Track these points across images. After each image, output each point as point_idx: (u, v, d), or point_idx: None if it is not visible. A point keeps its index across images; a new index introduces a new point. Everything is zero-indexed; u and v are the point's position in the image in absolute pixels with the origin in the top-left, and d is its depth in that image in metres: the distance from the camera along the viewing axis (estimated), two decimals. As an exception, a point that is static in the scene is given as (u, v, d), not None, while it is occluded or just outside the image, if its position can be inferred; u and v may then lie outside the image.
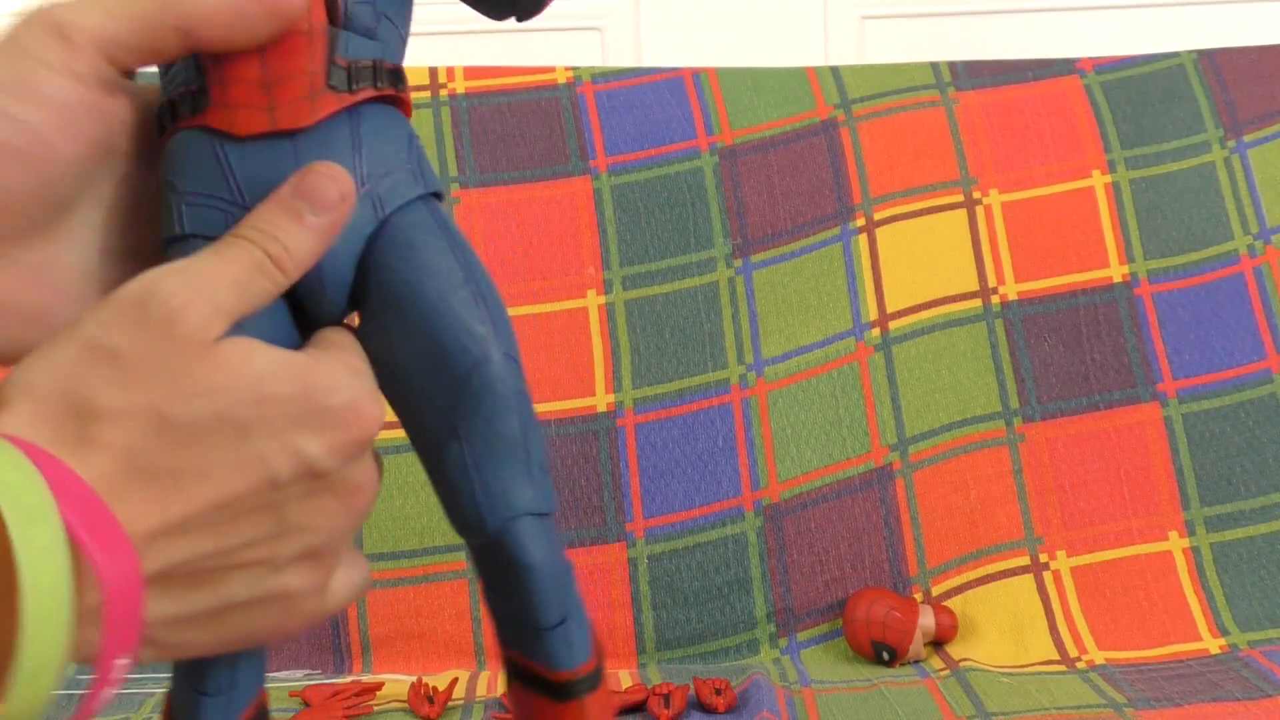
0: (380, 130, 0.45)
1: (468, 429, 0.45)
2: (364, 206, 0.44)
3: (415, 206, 0.45)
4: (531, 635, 0.46)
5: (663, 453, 1.12)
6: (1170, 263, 1.19)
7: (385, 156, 0.45)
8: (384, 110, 0.45)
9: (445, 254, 0.45)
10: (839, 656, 1.07)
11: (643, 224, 1.17)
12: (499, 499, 0.45)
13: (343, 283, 0.45)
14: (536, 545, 0.45)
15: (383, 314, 0.45)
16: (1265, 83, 1.23)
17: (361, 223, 0.44)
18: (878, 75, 1.24)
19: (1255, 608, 1.09)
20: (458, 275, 0.45)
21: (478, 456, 0.45)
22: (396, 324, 0.44)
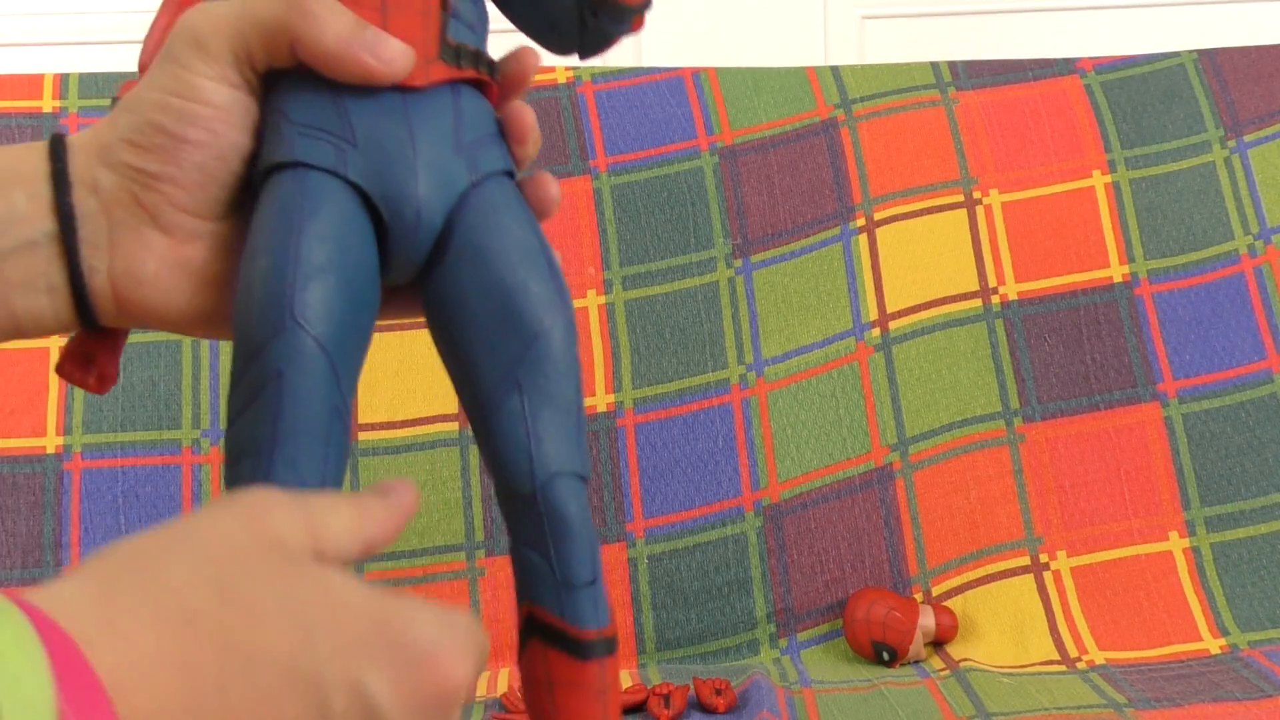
0: (476, 107, 0.49)
1: (530, 384, 0.47)
2: (461, 165, 0.48)
3: (500, 178, 0.49)
4: (563, 590, 0.48)
5: (663, 453, 1.12)
6: (1170, 263, 1.19)
7: (480, 127, 0.49)
8: (477, 93, 0.49)
9: (526, 224, 0.49)
10: (839, 656, 1.07)
11: (643, 224, 1.17)
12: (550, 454, 0.47)
13: (433, 228, 0.48)
14: (578, 503, 0.48)
15: (462, 265, 0.48)
16: (1265, 83, 1.23)
17: (457, 178, 0.48)
18: (878, 75, 1.24)
19: (1255, 608, 1.09)
20: (536, 244, 0.48)
21: (535, 411, 0.47)
22: (475, 276, 0.47)
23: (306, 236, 0.45)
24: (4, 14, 1.73)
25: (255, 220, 0.46)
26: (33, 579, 1.08)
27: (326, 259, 0.45)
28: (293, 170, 0.46)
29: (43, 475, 1.09)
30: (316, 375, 0.44)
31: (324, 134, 0.46)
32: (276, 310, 0.44)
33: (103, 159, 0.45)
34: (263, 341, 0.44)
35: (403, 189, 0.47)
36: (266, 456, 0.44)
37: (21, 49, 1.72)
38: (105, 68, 1.22)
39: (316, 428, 0.44)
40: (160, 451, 1.10)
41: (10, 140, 1.14)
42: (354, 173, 0.46)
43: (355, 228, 0.46)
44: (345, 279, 0.45)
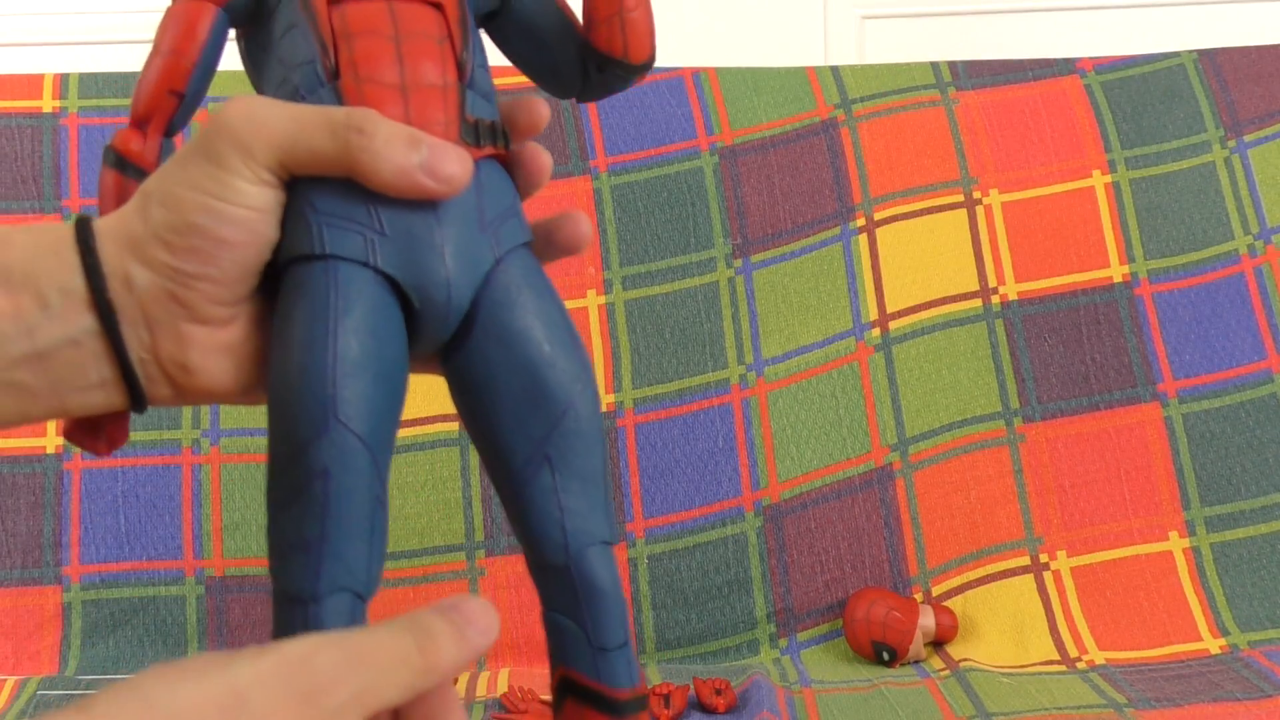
0: (496, 180, 0.50)
1: (559, 458, 0.49)
2: (485, 245, 0.48)
3: (521, 251, 0.50)
4: (597, 655, 0.50)
5: (663, 453, 1.12)
6: (1170, 263, 1.19)
7: (501, 203, 0.50)
8: (495, 164, 0.50)
9: (550, 300, 0.50)
10: (839, 656, 1.07)
11: (643, 224, 1.17)
12: (580, 526, 0.49)
13: (462, 310, 0.48)
14: (609, 571, 0.49)
15: (489, 345, 0.49)
16: (1265, 83, 1.23)
17: (483, 258, 0.48)
18: (878, 75, 1.24)
19: (1255, 608, 1.09)
20: (559, 318, 0.50)
21: (565, 484, 0.49)
22: (503, 356, 0.49)
23: (344, 333, 0.46)
24: (4, 14, 1.73)
25: (285, 310, 0.47)
26: (33, 579, 1.08)
27: (363, 354, 0.46)
28: (322, 262, 0.46)
29: (43, 475, 1.09)
30: (360, 471, 0.46)
31: (352, 224, 0.46)
32: (320, 410, 0.45)
33: (135, 254, 0.45)
34: (306, 440, 0.45)
35: (433, 276, 0.47)
36: (316, 553, 0.45)
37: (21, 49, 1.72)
38: (105, 68, 1.21)
39: (362, 521, 0.46)
40: (160, 451, 1.10)
41: (10, 140, 1.14)
42: (384, 263, 0.47)
43: (387, 317, 0.47)
44: (381, 372, 0.46)
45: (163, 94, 0.50)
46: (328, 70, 0.48)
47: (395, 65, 0.48)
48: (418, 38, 0.49)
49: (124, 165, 0.50)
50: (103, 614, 1.07)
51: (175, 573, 1.09)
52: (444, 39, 0.49)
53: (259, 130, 0.44)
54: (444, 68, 0.49)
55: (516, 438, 0.49)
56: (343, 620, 0.45)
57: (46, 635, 1.07)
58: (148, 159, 0.50)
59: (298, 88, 0.48)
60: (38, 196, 1.14)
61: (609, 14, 0.52)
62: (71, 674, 1.05)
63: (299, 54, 0.48)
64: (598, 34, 0.53)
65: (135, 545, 1.09)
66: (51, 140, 1.15)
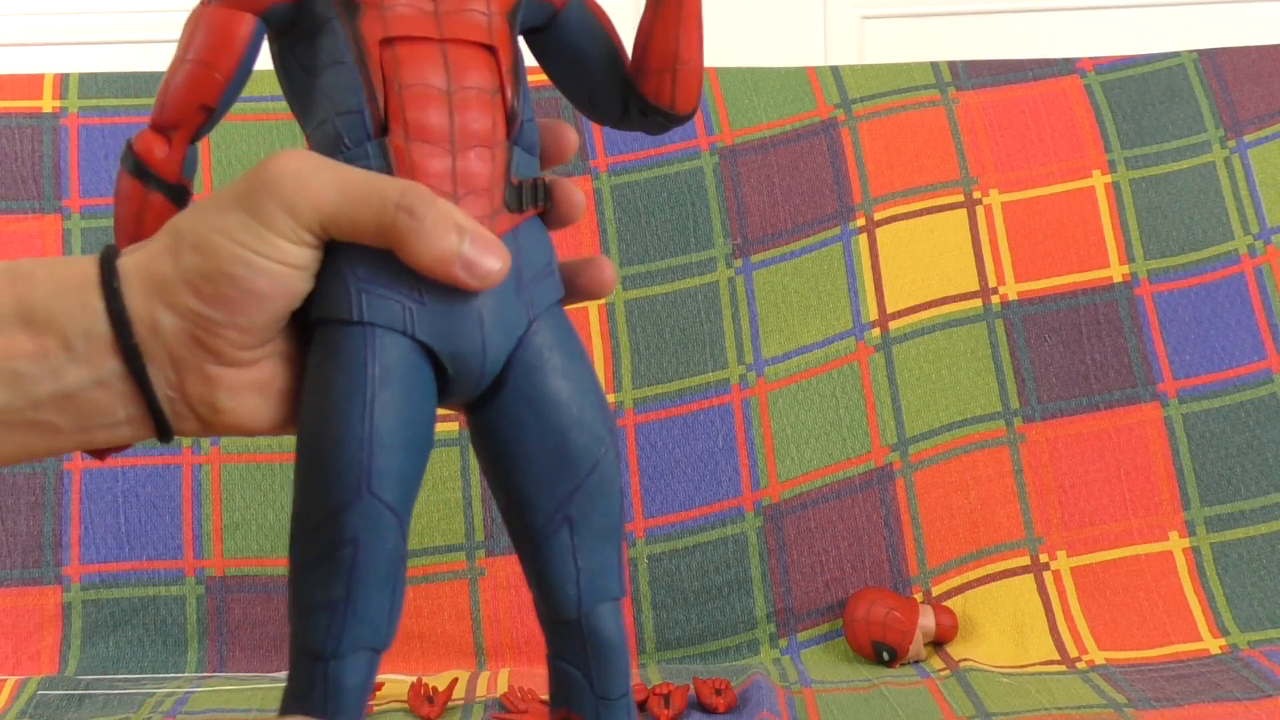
0: (534, 239, 0.49)
1: (580, 518, 0.49)
2: (521, 309, 0.48)
3: (554, 310, 0.50)
4: (600, 703, 0.51)
5: (663, 453, 1.12)
6: (1170, 263, 1.19)
7: (537, 263, 0.49)
8: (536, 222, 0.50)
9: (579, 359, 0.50)
10: (839, 656, 1.07)
11: (643, 224, 1.17)
12: (595, 584, 0.50)
13: (495, 374, 0.49)
14: (618, 626, 0.51)
15: (518, 406, 0.49)
16: (1265, 83, 1.23)
17: (518, 323, 0.48)
18: (878, 75, 1.24)
19: (1255, 608, 1.09)
20: (589, 381, 0.50)
21: (583, 543, 0.50)
22: (531, 417, 0.49)
23: (380, 406, 0.46)
24: (4, 14, 1.73)
25: (321, 371, 0.46)
26: (33, 579, 1.08)
27: (399, 426, 0.46)
28: (360, 328, 0.46)
29: (43, 475, 1.09)
30: (389, 538, 0.46)
31: (391, 292, 0.46)
32: (353, 481, 0.45)
33: (162, 298, 0.44)
34: (338, 508, 0.45)
35: (470, 344, 0.47)
36: (341, 615, 0.46)
37: (21, 49, 1.72)
38: (105, 68, 1.21)
39: (386, 582, 0.47)
40: (160, 451, 1.10)
41: (10, 140, 1.14)
42: (421, 333, 0.46)
43: (422, 388, 0.47)
44: (413, 441, 0.47)
45: (193, 107, 0.48)
46: (376, 124, 0.46)
47: (446, 124, 0.47)
48: (470, 91, 0.47)
49: (144, 174, 0.48)
50: (103, 614, 1.07)
51: (175, 573, 1.09)
52: (496, 90, 0.48)
53: (307, 193, 0.44)
54: (494, 126, 0.48)
55: (540, 496, 0.49)
56: (360, 674, 0.46)
57: (46, 635, 1.07)
58: (170, 170, 0.49)
59: (342, 136, 0.47)
60: (38, 196, 1.14)
61: (661, 66, 0.51)
62: (71, 674, 1.05)
63: (346, 99, 0.47)
64: (647, 83, 0.52)
65: (135, 545, 1.09)
66: (51, 140, 1.15)
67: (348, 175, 0.44)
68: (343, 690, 0.46)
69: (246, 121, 1.16)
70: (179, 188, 0.49)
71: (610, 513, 0.50)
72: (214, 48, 0.47)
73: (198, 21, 0.48)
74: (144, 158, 0.48)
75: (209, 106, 0.48)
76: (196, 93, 0.48)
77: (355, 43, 0.47)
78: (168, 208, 0.48)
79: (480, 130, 0.47)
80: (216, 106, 0.48)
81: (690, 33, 0.51)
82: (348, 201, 0.44)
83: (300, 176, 0.44)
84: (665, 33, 0.51)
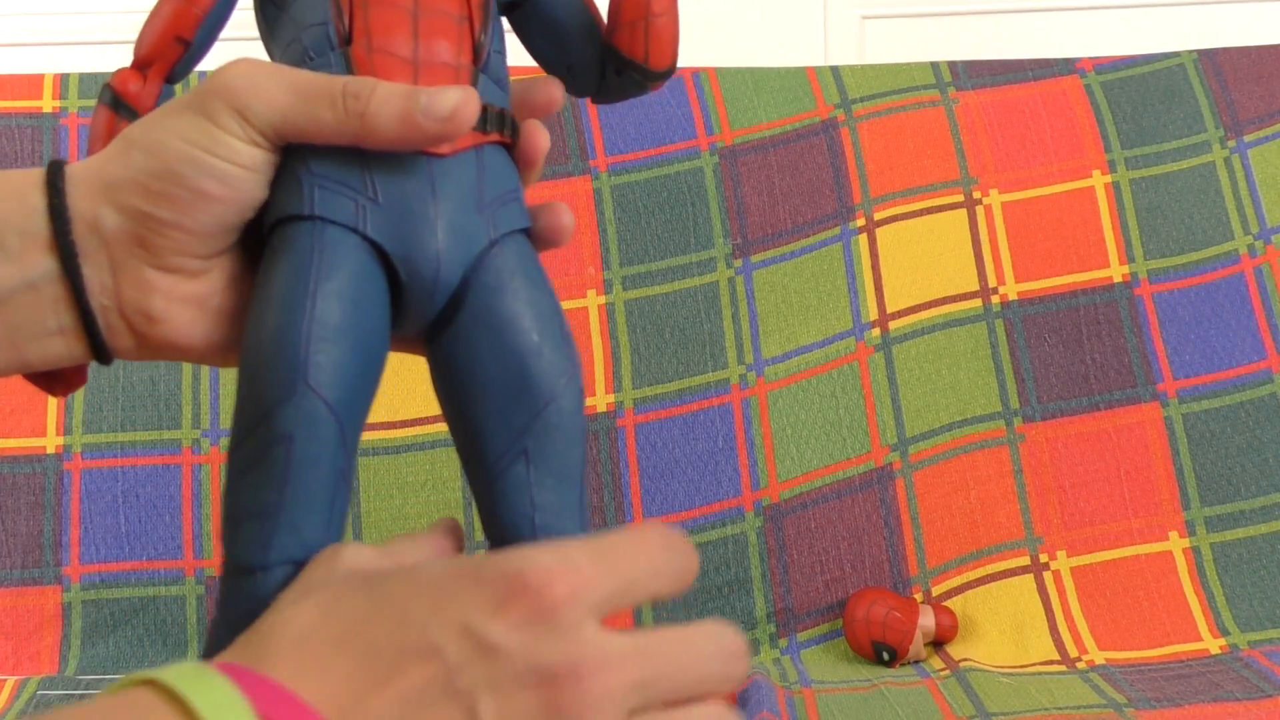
0: (499, 165, 0.49)
1: (537, 452, 0.47)
2: (481, 225, 0.47)
3: (518, 237, 0.48)
4: None
5: (663, 453, 1.12)
6: (1170, 263, 1.19)
7: (502, 185, 0.48)
8: (501, 150, 0.49)
9: (543, 289, 0.48)
10: (839, 656, 1.07)
11: (643, 224, 1.17)
12: (551, 523, 0.47)
13: (450, 287, 0.47)
14: None
15: (476, 329, 0.47)
16: (1265, 83, 1.23)
17: (477, 237, 0.47)
18: (878, 75, 1.24)
19: (1255, 608, 1.09)
20: (551, 311, 0.48)
21: (540, 479, 0.47)
22: (489, 341, 0.47)
23: (323, 296, 0.44)
24: (4, 14, 1.73)
25: (266, 270, 0.45)
26: (33, 579, 1.08)
27: (342, 321, 0.44)
28: (309, 223, 0.45)
29: (43, 475, 1.09)
30: (326, 441, 0.44)
31: (345, 188, 0.45)
32: (290, 372, 0.43)
33: (108, 197, 0.44)
34: (273, 403, 0.43)
35: (423, 249, 0.46)
36: (271, 521, 0.43)
37: (21, 49, 1.72)
38: (105, 68, 1.21)
39: (322, 494, 0.44)
40: (160, 451, 1.10)
41: (10, 140, 1.14)
42: (373, 230, 0.45)
43: (371, 287, 0.46)
44: (359, 341, 0.45)
45: (169, 39, 0.49)
46: (340, 34, 0.47)
47: (410, 39, 0.47)
48: (436, 14, 0.48)
49: (119, 105, 0.49)
50: (103, 614, 1.07)
51: (175, 573, 1.09)
52: (463, 19, 0.48)
53: (259, 94, 0.44)
54: (459, 48, 0.48)
55: (495, 427, 0.47)
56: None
57: (46, 635, 1.07)
58: (144, 102, 0.49)
59: (307, 49, 0.47)
60: (38, 196, 1.14)
61: (633, 17, 0.51)
62: (71, 674, 1.05)
63: (312, 14, 0.47)
64: (620, 36, 0.52)
65: (135, 545, 1.09)
66: (51, 140, 1.15)
67: (300, 78, 0.44)
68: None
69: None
70: None
71: (570, 452, 0.47)
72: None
73: None
74: (119, 89, 0.49)
75: (184, 39, 0.49)
76: (173, 25, 0.49)
77: None
78: None
79: (444, 51, 0.47)
80: (192, 40, 0.49)
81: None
82: (299, 99, 0.44)
83: (252, 79, 0.44)
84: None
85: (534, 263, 0.49)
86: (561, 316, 0.48)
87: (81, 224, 0.44)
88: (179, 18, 0.49)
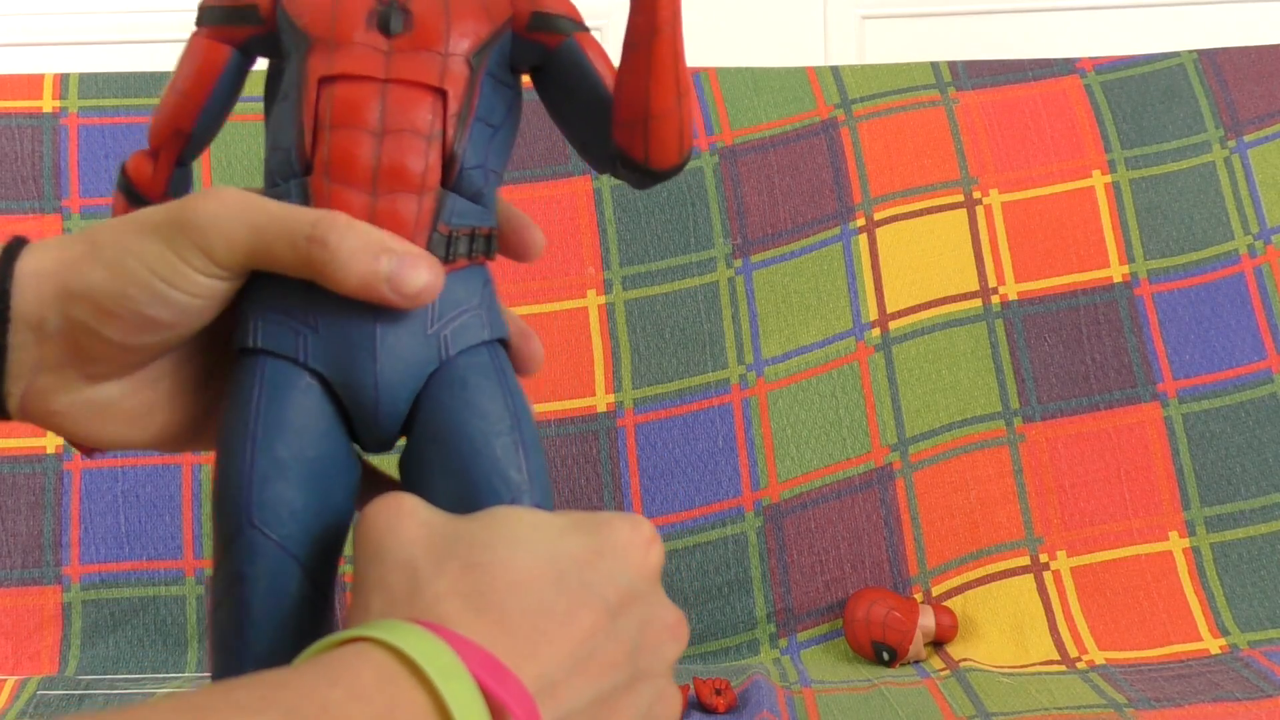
0: (461, 285, 0.47)
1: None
2: (430, 347, 0.46)
3: (478, 350, 0.47)
4: None
5: (663, 453, 1.12)
6: (1170, 263, 1.19)
7: (458, 300, 0.47)
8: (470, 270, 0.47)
9: (496, 398, 0.47)
10: (839, 656, 1.07)
11: (643, 224, 1.17)
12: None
13: (398, 415, 0.46)
14: None
15: (425, 443, 0.46)
16: (1265, 83, 1.23)
17: (425, 361, 0.46)
18: (878, 75, 1.24)
19: (1255, 608, 1.09)
20: (505, 421, 0.46)
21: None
22: (436, 455, 0.46)
23: (263, 436, 0.45)
24: (4, 14, 1.73)
25: (226, 405, 0.46)
26: (33, 579, 1.08)
27: (288, 455, 0.45)
28: (254, 357, 0.46)
29: (43, 475, 1.09)
30: (278, 575, 0.44)
31: (287, 318, 0.45)
32: (235, 513, 0.44)
33: (59, 305, 0.45)
34: (226, 543, 0.45)
35: (361, 376, 0.45)
36: (237, 654, 0.44)
37: (21, 49, 1.72)
38: (105, 68, 1.21)
39: (284, 623, 0.44)
40: (160, 451, 1.10)
41: (10, 140, 1.14)
42: (313, 360, 0.45)
43: (320, 415, 0.46)
44: (309, 471, 0.45)
45: (170, 132, 0.49)
46: (301, 162, 0.46)
47: (370, 166, 0.45)
48: (403, 135, 0.46)
49: (131, 193, 0.50)
50: (103, 614, 1.07)
51: (175, 573, 1.09)
52: (434, 136, 0.46)
53: (221, 233, 0.44)
54: (426, 171, 0.46)
55: None
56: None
57: (46, 635, 1.07)
58: (155, 190, 0.50)
59: (273, 172, 0.47)
60: (38, 196, 1.14)
61: (633, 119, 0.47)
62: (71, 674, 1.05)
63: (281, 135, 0.47)
64: (620, 134, 0.48)
65: (135, 545, 1.09)
66: (51, 140, 1.15)
67: (260, 213, 0.44)
68: None
69: (246, 121, 1.16)
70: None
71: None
72: (190, 77, 0.49)
73: (186, 49, 0.49)
74: (133, 177, 0.50)
75: (184, 131, 0.49)
76: (173, 118, 0.49)
77: (299, 79, 0.46)
78: None
79: (408, 173, 0.45)
80: (191, 131, 0.49)
81: (661, 83, 0.46)
82: (261, 239, 0.44)
83: (216, 221, 0.44)
84: (635, 83, 0.47)
85: (491, 374, 0.47)
86: (519, 428, 0.47)
87: (22, 323, 0.45)
88: (178, 111, 0.49)
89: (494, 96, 0.47)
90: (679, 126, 0.48)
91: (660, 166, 0.48)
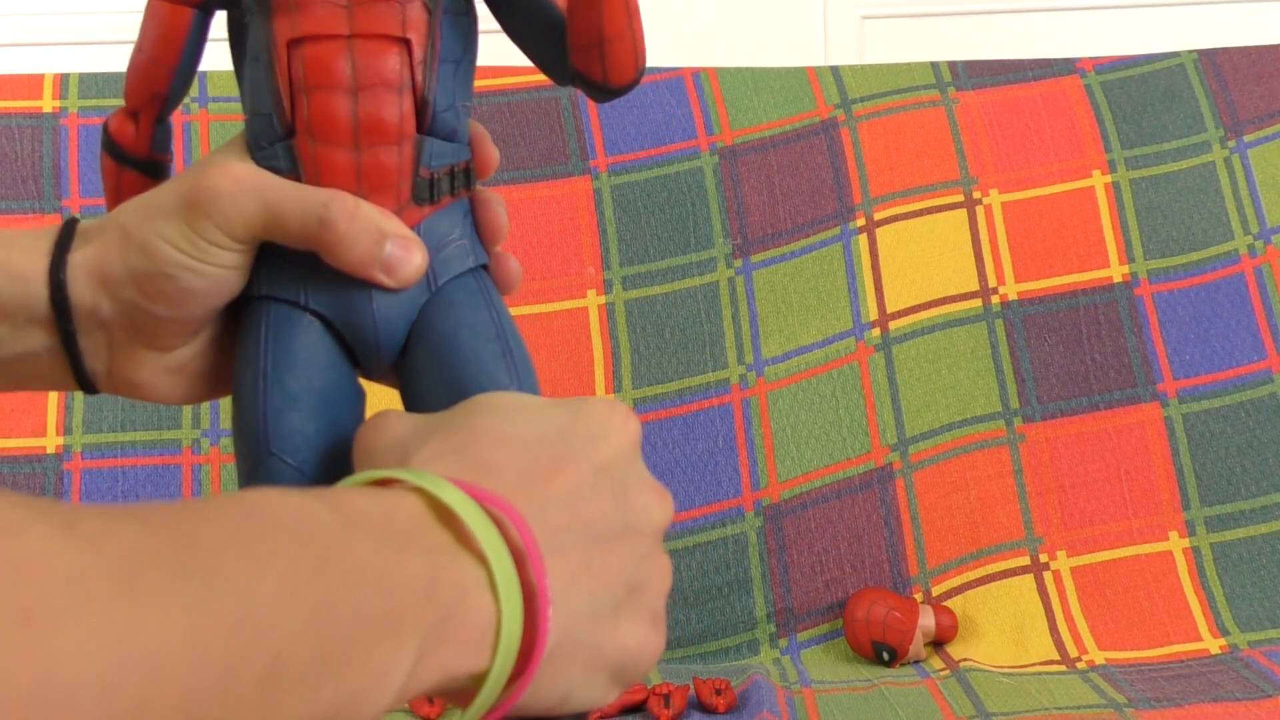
0: (444, 222, 0.50)
1: None
2: (421, 281, 0.49)
3: (464, 277, 0.51)
4: None
5: (663, 452, 1.12)
6: (1170, 263, 1.19)
7: (442, 235, 0.50)
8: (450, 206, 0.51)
9: (482, 312, 0.50)
10: (839, 656, 1.07)
11: (643, 224, 1.17)
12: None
13: (395, 344, 0.50)
14: None
15: (419, 358, 0.50)
16: (1265, 83, 1.23)
17: (417, 293, 0.50)
18: (878, 75, 1.24)
19: (1255, 608, 1.09)
20: (490, 330, 0.50)
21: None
22: (429, 365, 0.49)
23: (275, 370, 0.48)
24: (4, 14, 1.73)
25: (237, 349, 0.50)
26: (33, 579, 1.08)
27: (298, 388, 0.48)
28: (260, 302, 0.49)
29: (43, 475, 1.09)
30: None
31: (287, 267, 0.49)
32: (254, 444, 0.48)
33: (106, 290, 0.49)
34: (248, 473, 0.48)
35: (360, 314, 0.49)
36: None
37: (21, 49, 1.72)
38: (105, 68, 1.21)
39: None
40: (160, 451, 1.10)
41: (10, 140, 1.14)
42: (314, 303, 0.49)
43: (323, 350, 0.49)
44: (320, 401, 0.48)
45: (147, 94, 0.52)
46: (284, 126, 0.48)
47: (350, 123, 0.48)
48: (376, 90, 0.48)
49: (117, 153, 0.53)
50: (103, 614, 1.07)
51: (175, 573, 1.08)
52: (404, 86, 0.48)
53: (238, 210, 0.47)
54: (402, 120, 0.48)
55: None
56: None
57: (46, 635, 1.07)
58: (140, 148, 0.53)
59: (259, 136, 0.49)
60: (38, 196, 1.14)
61: (588, 44, 0.50)
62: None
63: (259, 100, 0.49)
64: (576, 58, 0.51)
65: (135, 545, 1.09)
66: (51, 140, 1.15)
67: (272, 193, 0.48)
68: None
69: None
70: (151, 162, 0.53)
71: None
72: (156, 41, 0.51)
73: (146, 13, 0.51)
74: (116, 137, 0.52)
75: (161, 93, 0.52)
76: (148, 82, 0.51)
77: (267, 43, 0.48)
78: (142, 181, 0.53)
79: (386, 126, 0.48)
80: (169, 92, 0.52)
81: (612, 8, 0.49)
82: (274, 215, 0.48)
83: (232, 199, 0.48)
84: (586, 11, 0.49)
85: (477, 294, 0.51)
86: (504, 337, 0.50)
87: (81, 311, 0.50)
88: (150, 75, 0.51)
89: (453, 34, 0.50)
90: (633, 45, 0.51)
91: (619, 83, 0.51)
